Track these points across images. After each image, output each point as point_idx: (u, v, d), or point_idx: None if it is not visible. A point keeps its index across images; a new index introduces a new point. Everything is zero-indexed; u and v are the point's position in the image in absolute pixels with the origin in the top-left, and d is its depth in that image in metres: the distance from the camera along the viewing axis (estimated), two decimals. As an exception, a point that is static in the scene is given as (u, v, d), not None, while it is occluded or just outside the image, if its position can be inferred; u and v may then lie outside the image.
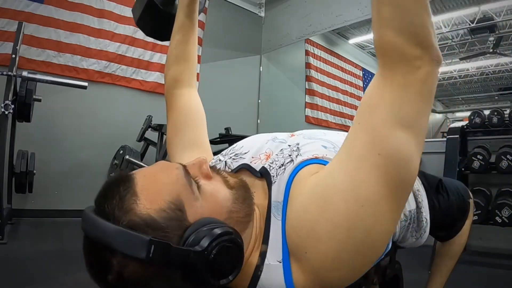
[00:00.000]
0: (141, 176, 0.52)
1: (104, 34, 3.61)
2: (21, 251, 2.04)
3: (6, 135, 2.25)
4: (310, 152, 0.63)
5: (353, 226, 0.49)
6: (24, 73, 2.38)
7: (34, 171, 2.68)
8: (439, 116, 13.91)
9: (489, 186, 2.59)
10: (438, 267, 1.09)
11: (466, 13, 6.25)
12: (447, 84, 10.88)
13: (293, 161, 0.62)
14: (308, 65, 6.24)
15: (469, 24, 6.46)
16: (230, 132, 4.02)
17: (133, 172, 0.53)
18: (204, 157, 0.59)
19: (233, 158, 0.73)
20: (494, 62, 8.96)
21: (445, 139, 2.73)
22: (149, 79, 3.93)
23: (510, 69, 9.33)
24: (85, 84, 2.69)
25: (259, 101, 5.30)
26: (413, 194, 0.84)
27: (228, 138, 3.65)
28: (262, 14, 5.23)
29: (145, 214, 0.47)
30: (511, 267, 2.39)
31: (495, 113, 2.65)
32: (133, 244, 0.44)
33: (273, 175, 0.61)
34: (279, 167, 0.62)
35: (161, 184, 0.51)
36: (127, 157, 3.32)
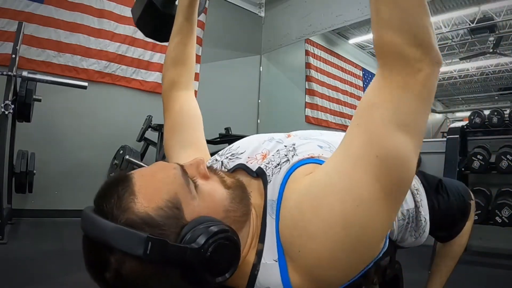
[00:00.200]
0: (139, 176, 0.52)
1: (104, 34, 3.61)
2: (21, 251, 2.04)
3: (6, 135, 2.25)
4: (306, 152, 0.63)
5: (348, 226, 0.49)
6: (24, 73, 2.38)
7: (34, 171, 2.68)
8: (439, 116, 13.91)
9: (489, 186, 2.59)
10: (438, 267, 1.09)
11: (466, 13, 6.25)
12: (447, 84, 10.88)
13: (289, 161, 0.62)
14: (308, 65, 6.24)
15: (469, 24, 6.46)
16: (230, 132, 4.02)
17: (132, 172, 0.54)
18: (202, 158, 0.59)
19: (230, 158, 0.73)
20: (494, 62, 8.96)
21: (445, 139, 2.73)
22: (149, 79, 3.93)
23: (510, 69, 9.33)
24: (85, 84, 2.69)
25: (259, 101, 5.30)
26: (411, 194, 0.84)
27: (228, 138, 3.65)
28: (262, 14, 5.23)
29: (143, 212, 0.48)
30: (511, 267, 2.39)
31: (495, 113, 2.65)
32: (131, 242, 0.44)
33: (269, 175, 0.62)
34: (275, 167, 0.62)
35: (159, 183, 0.52)
36: (127, 157, 3.32)
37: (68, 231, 2.70)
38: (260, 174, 0.63)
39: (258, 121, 5.26)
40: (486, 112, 2.76)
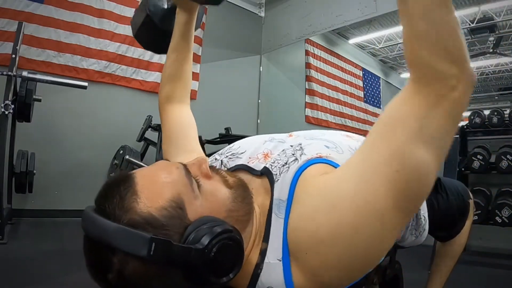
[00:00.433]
0: (141, 176, 0.52)
1: (104, 34, 3.61)
2: (21, 251, 2.04)
3: (6, 135, 2.25)
4: (314, 152, 0.63)
5: (358, 234, 0.49)
6: (24, 73, 2.38)
7: (34, 171, 2.68)
8: (439, 116, 13.89)
9: (489, 186, 2.59)
10: (438, 267, 1.09)
11: (466, 13, 6.25)
12: (447, 84, 10.86)
13: (298, 160, 0.61)
14: (308, 65, 6.24)
15: (469, 24, 6.45)
16: (230, 132, 4.02)
17: (133, 172, 0.53)
18: (204, 157, 0.59)
19: (229, 158, 0.73)
20: (494, 62, 8.95)
21: (445, 139, 2.73)
22: (149, 79, 3.93)
23: (510, 69, 9.33)
24: (85, 84, 2.69)
25: (259, 101, 5.30)
26: None
27: (228, 138, 3.64)
28: (262, 14, 5.23)
29: (146, 212, 0.47)
30: (511, 267, 2.39)
31: (495, 113, 2.66)
32: (134, 242, 0.44)
33: (276, 174, 0.61)
34: (282, 166, 0.62)
35: (162, 183, 0.51)
36: (127, 157, 3.32)
37: (68, 231, 2.70)
38: (266, 173, 0.63)
39: (258, 121, 5.26)
40: (486, 112, 2.77)
